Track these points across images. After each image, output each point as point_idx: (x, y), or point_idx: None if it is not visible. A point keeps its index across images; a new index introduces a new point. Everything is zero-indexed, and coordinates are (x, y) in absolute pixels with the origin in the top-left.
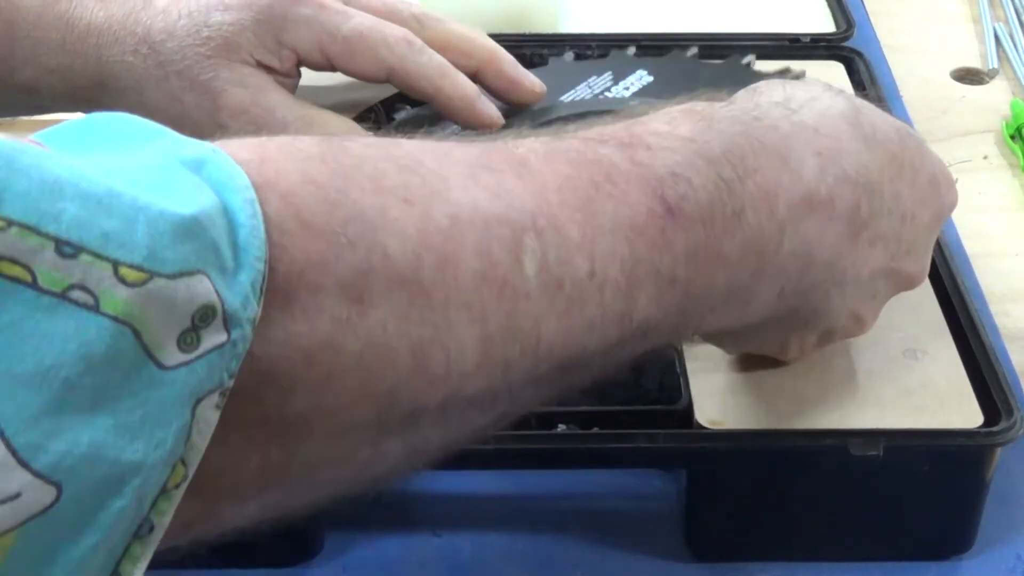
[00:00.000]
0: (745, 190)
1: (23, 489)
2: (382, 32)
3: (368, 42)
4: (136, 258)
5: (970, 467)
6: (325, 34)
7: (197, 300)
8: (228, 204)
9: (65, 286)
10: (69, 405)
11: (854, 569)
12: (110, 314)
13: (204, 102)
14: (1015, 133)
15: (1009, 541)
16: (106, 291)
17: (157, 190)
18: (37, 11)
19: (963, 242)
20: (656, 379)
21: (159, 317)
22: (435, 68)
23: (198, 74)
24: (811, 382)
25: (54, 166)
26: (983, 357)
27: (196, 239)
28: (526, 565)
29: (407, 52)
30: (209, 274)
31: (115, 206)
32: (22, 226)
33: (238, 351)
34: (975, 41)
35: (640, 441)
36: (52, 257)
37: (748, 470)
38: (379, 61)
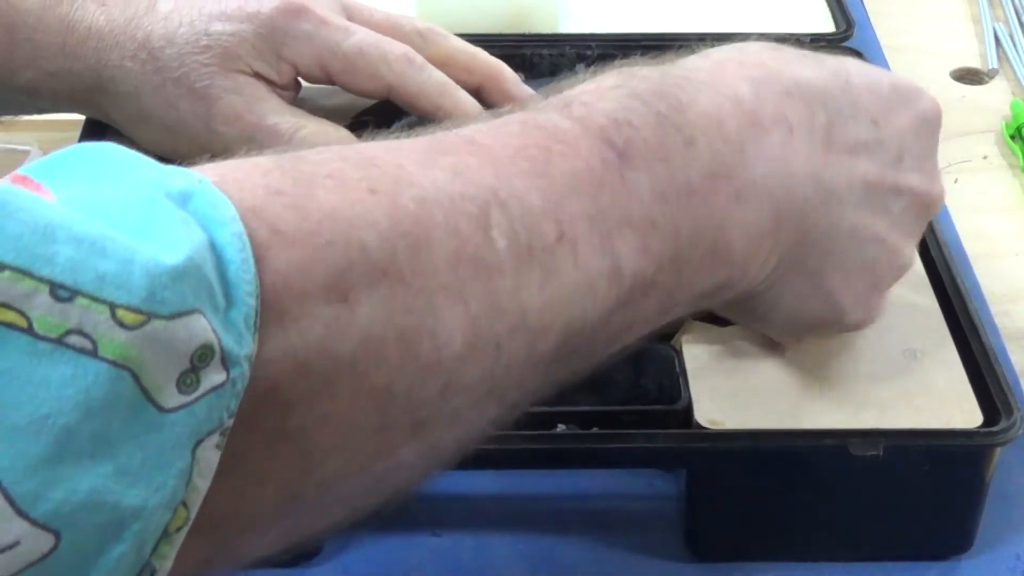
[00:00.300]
0: (688, 120)
1: (21, 538)
2: (382, 49)
3: (368, 59)
4: (134, 300)
5: (970, 467)
6: (325, 50)
7: (195, 340)
8: (216, 239)
9: (62, 331)
10: (68, 452)
11: (854, 569)
12: (108, 358)
13: (199, 109)
14: (1015, 133)
15: (1009, 541)
16: (103, 335)
17: (147, 230)
18: (37, 14)
19: (963, 242)
20: (656, 379)
21: (158, 359)
22: (435, 86)
23: (195, 81)
24: (811, 382)
25: (45, 210)
26: (983, 357)
27: (192, 278)
28: (526, 565)
29: (407, 70)
30: (205, 313)
31: (110, 248)
32: (15, 270)
33: (237, 390)
34: (975, 41)
35: (640, 441)
36: (47, 301)
37: (748, 470)
38: (379, 78)
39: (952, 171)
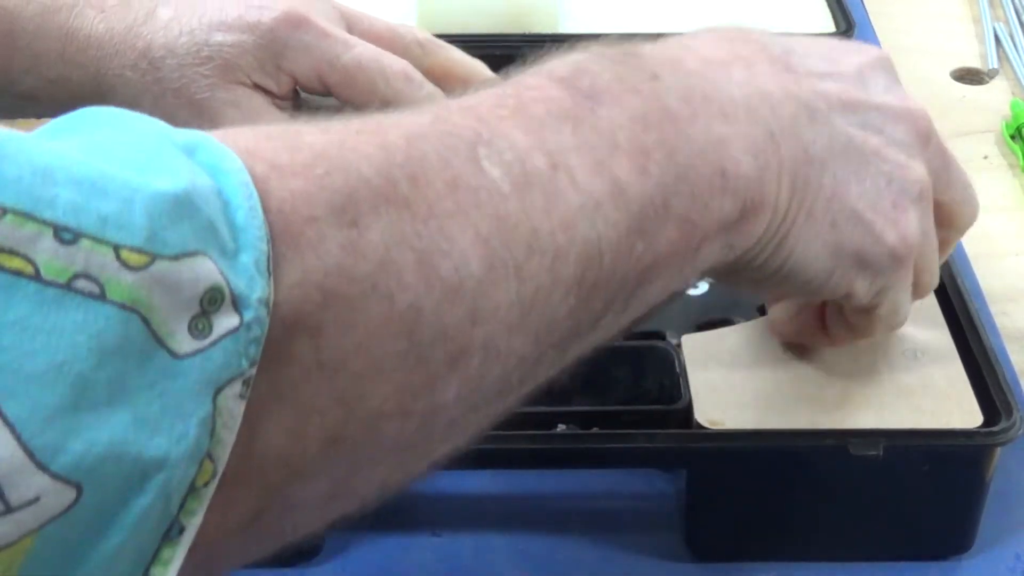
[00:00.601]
0: (646, 63)
1: (42, 493)
2: (381, 64)
3: (366, 74)
4: (137, 240)
5: (970, 467)
6: (324, 62)
7: (202, 282)
8: (222, 188)
9: (69, 276)
10: (85, 401)
11: (854, 569)
12: (117, 301)
13: (198, 121)
14: (1015, 133)
15: (1009, 541)
16: (110, 278)
17: (149, 168)
18: (37, 22)
19: (963, 242)
20: (656, 379)
21: (167, 301)
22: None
23: (195, 93)
24: (811, 382)
25: (43, 152)
26: (983, 357)
27: (193, 219)
28: (526, 565)
29: (403, 87)
30: (211, 255)
31: (110, 188)
32: (17, 213)
33: (254, 335)
34: (975, 41)
35: (640, 441)
36: (52, 245)
37: (748, 470)
38: (375, 93)
39: None
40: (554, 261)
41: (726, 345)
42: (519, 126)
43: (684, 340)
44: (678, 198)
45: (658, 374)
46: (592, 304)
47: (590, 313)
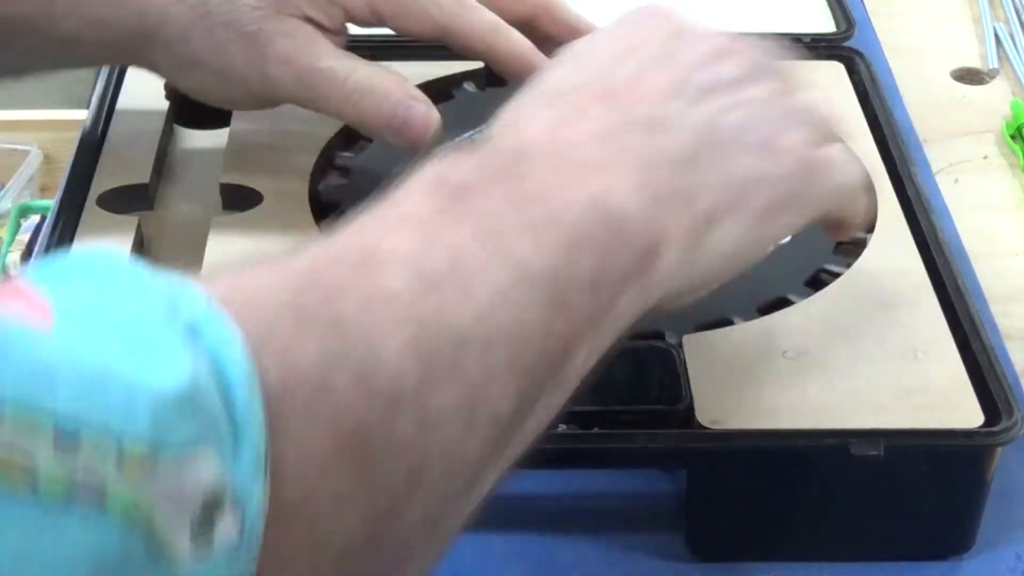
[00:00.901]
0: (499, 149)
1: None
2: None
3: (419, 2)
4: (139, 444)
5: (970, 467)
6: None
7: (204, 484)
8: (223, 376)
9: (69, 483)
10: None
11: (854, 569)
12: (118, 513)
13: (251, 53)
14: (1015, 133)
15: (1009, 541)
16: (112, 485)
17: (152, 359)
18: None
19: (963, 242)
20: (656, 379)
21: (168, 508)
22: (488, 26)
23: (245, 24)
24: (811, 382)
25: (46, 349)
26: (983, 357)
27: (195, 416)
28: (526, 565)
29: (458, 11)
30: (212, 454)
31: (112, 388)
32: (18, 416)
33: (252, 553)
34: (975, 41)
35: (640, 441)
36: (52, 450)
37: (748, 470)
38: (430, 20)
39: (952, 171)
40: (484, 353)
41: (726, 345)
42: (405, 235)
43: (684, 340)
44: (581, 263)
45: (658, 374)
46: (529, 389)
47: (528, 398)
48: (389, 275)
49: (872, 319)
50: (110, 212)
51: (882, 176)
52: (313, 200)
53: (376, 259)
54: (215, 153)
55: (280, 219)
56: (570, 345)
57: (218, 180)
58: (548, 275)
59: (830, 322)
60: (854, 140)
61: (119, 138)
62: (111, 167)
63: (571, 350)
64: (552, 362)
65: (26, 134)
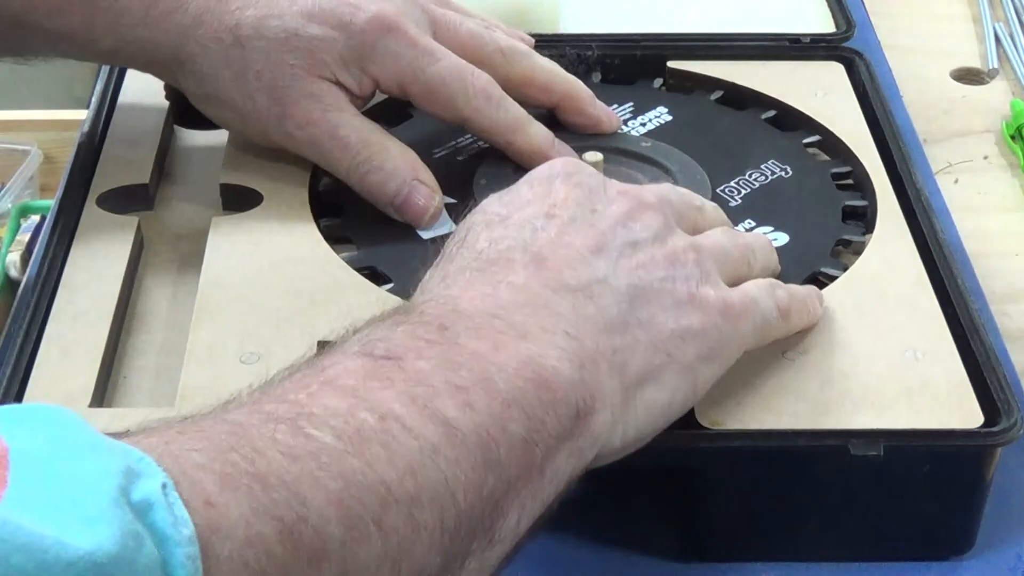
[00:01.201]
0: (427, 318)
1: None
2: (463, 81)
3: (448, 89)
4: None
5: (970, 467)
6: (408, 73)
7: None
8: (168, 559)
9: None
10: None
11: (854, 569)
12: None
13: (274, 107)
14: (1015, 133)
15: (1009, 541)
16: None
17: (86, 534)
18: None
19: (963, 242)
20: None
21: None
22: (509, 123)
23: (276, 79)
24: (811, 382)
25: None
26: (983, 357)
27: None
28: (526, 565)
29: (483, 106)
30: None
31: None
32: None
33: None
34: (975, 41)
35: None
36: None
37: (748, 470)
38: (455, 110)
39: (952, 171)
40: (410, 508)
41: None
42: (334, 395)
43: None
44: (514, 423)
45: None
46: (456, 546)
47: (457, 554)
48: (317, 433)
49: (872, 319)
50: (110, 212)
51: (882, 176)
52: (313, 200)
53: (304, 418)
54: (215, 153)
55: (280, 219)
56: (502, 503)
57: (218, 180)
58: (478, 434)
59: (830, 322)
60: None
61: (119, 138)
62: (111, 167)
63: (504, 508)
64: (482, 519)
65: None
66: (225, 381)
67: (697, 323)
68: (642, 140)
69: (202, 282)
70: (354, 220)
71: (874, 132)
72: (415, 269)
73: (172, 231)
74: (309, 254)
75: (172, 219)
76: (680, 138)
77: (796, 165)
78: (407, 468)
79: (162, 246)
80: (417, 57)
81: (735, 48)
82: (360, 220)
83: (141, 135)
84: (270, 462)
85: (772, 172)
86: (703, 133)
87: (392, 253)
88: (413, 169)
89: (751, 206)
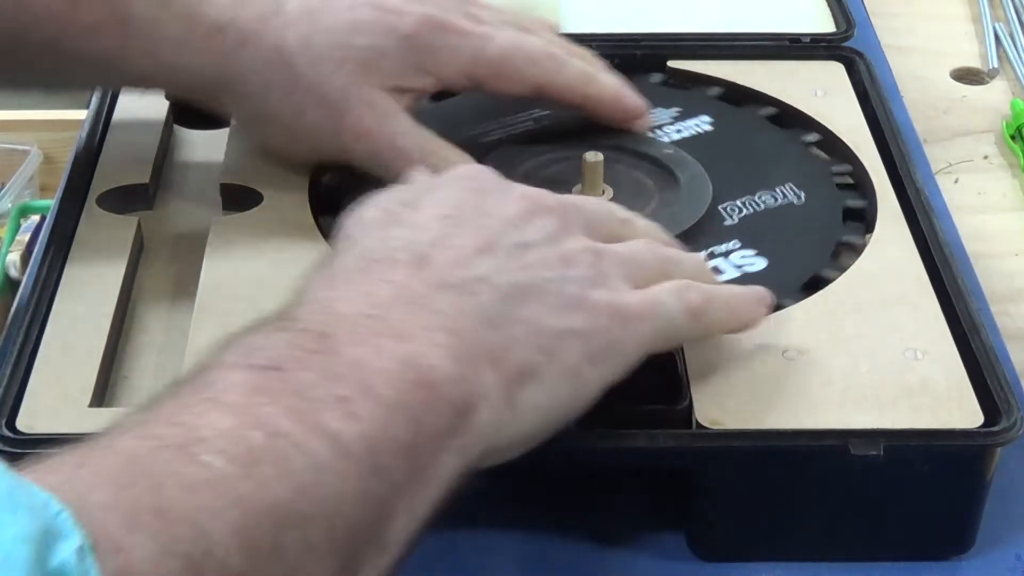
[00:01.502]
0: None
1: None
2: (525, 50)
3: (514, 62)
4: None
5: (970, 467)
6: (471, 59)
7: None
8: None
9: None
10: None
11: (854, 569)
12: None
13: (328, 120)
14: (1015, 133)
15: (1009, 541)
16: None
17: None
18: (155, 9)
19: (963, 242)
20: (656, 379)
21: None
22: (579, 77)
23: (328, 92)
24: (811, 382)
25: None
26: (983, 357)
27: None
28: (526, 565)
29: (552, 66)
30: None
31: None
32: None
33: None
34: (975, 41)
35: (640, 441)
36: None
37: (748, 470)
38: (527, 79)
39: (952, 171)
40: (304, 528)
41: (726, 345)
42: (221, 414)
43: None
44: (397, 427)
45: (658, 374)
46: (350, 557)
47: (350, 566)
48: (209, 459)
49: (872, 319)
50: (110, 212)
51: (882, 176)
52: (313, 200)
53: (195, 444)
54: (215, 153)
55: (280, 219)
56: (388, 508)
57: (218, 180)
58: (363, 444)
59: (830, 322)
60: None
61: (119, 138)
62: (111, 167)
63: (390, 513)
64: (371, 528)
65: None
66: None
67: (581, 324)
68: (665, 146)
69: (202, 282)
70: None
71: (874, 132)
72: None
73: (172, 231)
74: (309, 254)
75: (172, 219)
76: (710, 149)
77: (813, 192)
78: (298, 487)
79: (162, 246)
80: (473, 43)
81: (735, 48)
82: None
83: (141, 135)
84: (170, 496)
85: (784, 196)
86: (734, 147)
87: None
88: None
89: (746, 227)
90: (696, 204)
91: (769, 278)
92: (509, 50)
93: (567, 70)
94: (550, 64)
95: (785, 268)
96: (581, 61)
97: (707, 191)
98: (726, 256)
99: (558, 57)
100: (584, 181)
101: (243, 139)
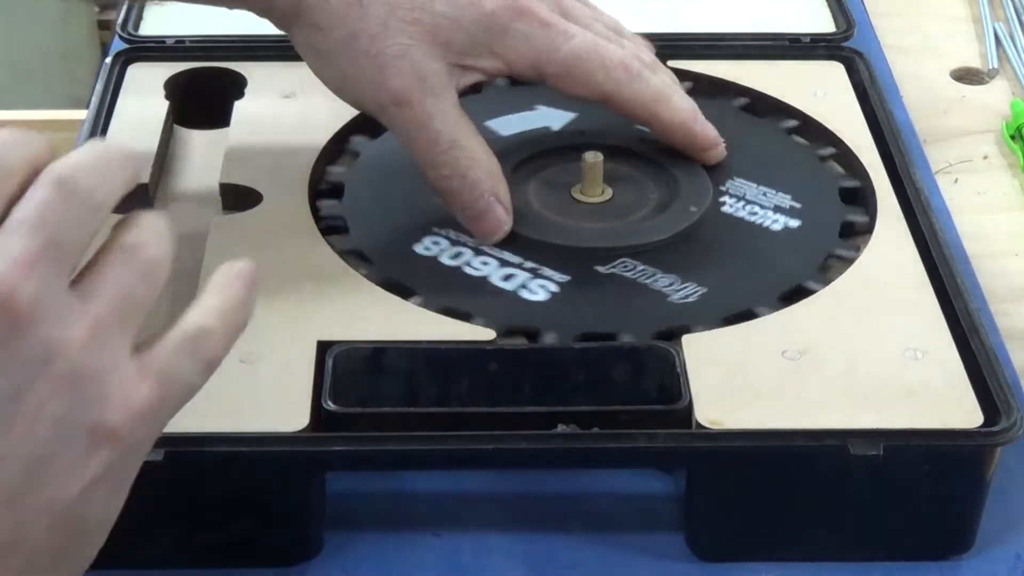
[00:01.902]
0: None
1: None
2: (600, 56)
3: (586, 65)
4: None
5: (970, 467)
6: (543, 53)
7: None
8: None
9: None
10: None
11: (854, 569)
12: None
13: (377, 76)
14: (1015, 133)
15: (1009, 541)
16: None
17: None
18: None
19: (963, 242)
20: (656, 379)
21: None
22: (651, 95)
23: (386, 49)
24: (811, 382)
25: None
26: (983, 357)
27: None
28: (526, 565)
29: (623, 78)
30: None
31: None
32: None
33: None
34: (975, 41)
35: (640, 441)
36: None
37: (748, 470)
38: (595, 85)
39: (952, 171)
40: None
41: (726, 345)
42: None
43: (684, 340)
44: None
45: (658, 374)
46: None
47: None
48: None
49: (872, 319)
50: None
51: (882, 176)
52: (313, 200)
53: None
54: (215, 153)
55: (280, 219)
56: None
57: (218, 180)
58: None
59: (829, 322)
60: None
61: (119, 138)
62: None
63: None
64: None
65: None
66: (225, 381)
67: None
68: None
69: (202, 282)
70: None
71: (874, 132)
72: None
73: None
74: (309, 254)
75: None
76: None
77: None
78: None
79: None
80: (551, 38)
81: (735, 48)
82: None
83: (141, 135)
84: None
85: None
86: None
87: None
88: (494, 183)
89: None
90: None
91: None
92: (584, 52)
93: (638, 85)
94: (622, 75)
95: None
96: (658, 80)
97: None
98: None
99: (633, 69)
100: (584, 181)
101: (243, 139)
